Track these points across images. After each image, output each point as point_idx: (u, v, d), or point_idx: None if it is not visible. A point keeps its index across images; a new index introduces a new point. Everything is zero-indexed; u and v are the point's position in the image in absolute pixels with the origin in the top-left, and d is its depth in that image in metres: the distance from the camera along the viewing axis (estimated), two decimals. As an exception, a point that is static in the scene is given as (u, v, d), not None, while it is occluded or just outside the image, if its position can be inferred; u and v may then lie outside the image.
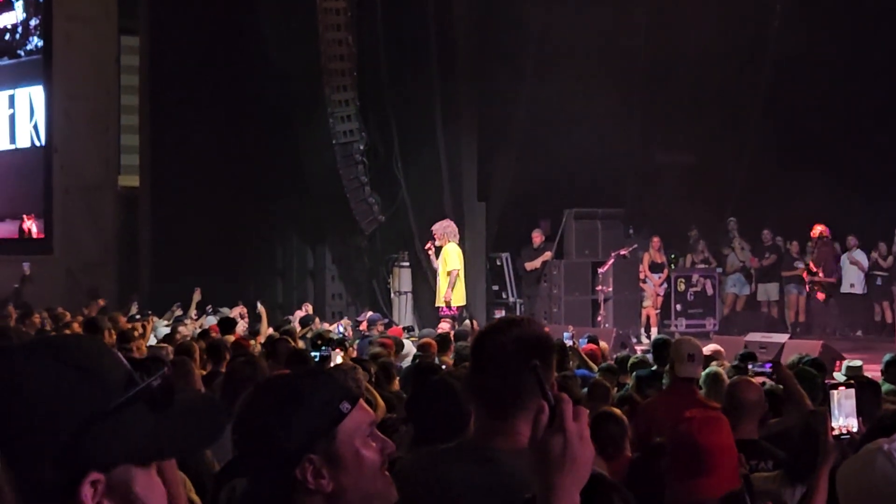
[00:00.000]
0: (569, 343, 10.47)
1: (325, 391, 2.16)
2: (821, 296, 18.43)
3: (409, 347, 11.30)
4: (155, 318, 15.23)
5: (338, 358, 8.20)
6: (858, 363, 9.56)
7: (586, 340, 11.61)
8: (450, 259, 15.43)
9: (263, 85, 18.91)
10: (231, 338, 10.39)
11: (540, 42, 17.89)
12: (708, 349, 10.55)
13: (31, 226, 23.51)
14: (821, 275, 18.31)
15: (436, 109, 17.82)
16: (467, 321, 15.08)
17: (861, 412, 3.91)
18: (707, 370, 6.98)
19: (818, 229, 18.25)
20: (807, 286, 18.52)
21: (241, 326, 14.18)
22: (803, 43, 17.87)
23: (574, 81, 17.55)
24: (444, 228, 15.69)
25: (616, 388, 8.43)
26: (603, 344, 11.79)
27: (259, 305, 15.44)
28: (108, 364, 1.42)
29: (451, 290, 15.35)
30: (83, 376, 1.38)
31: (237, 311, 16.06)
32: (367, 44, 18.11)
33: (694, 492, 3.43)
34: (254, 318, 15.43)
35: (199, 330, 13.47)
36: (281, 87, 18.62)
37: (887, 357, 8.57)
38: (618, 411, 5.70)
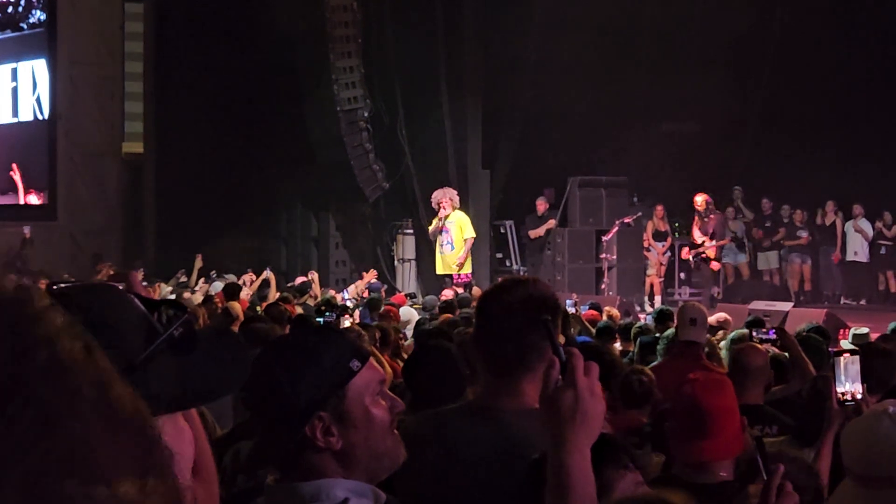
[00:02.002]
0: (571, 310, 10.47)
1: (335, 349, 2.15)
2: (715, 265, 17.82)
3: (412, 314, 11.31)
4: (162, 285, 15.25)
5: (346, 323, 8.22)
6: (865, 330, 9.56)
7: (588, 307, 11.67)
8: (466, 227, 15.68)
9: (268, 51, 18.84)
10: (236, 304, 10.39)
11: (546, 9, 17.80)
12: (716, 318, 10.58)
13: (33, 199, 23.46)
14: (712, 244, 17.58)
15: (441, 76, 17.76)
16: (474, 288, 15.12)
17: (870, 378, 3.92)
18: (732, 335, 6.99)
19: (701, 199, 17.33)
20: (692, 262, 17.79)
21: (247, 293, 14.18)
22: (810, 10, 17.79)
23: (580, 48, 17.48)
24: (453, 195, 15.74)
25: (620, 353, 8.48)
26: (615, 311, 11.81)
27: (268, 271, 15.46)
28: (128, 316, 1.38)
29: (466, 256, 15.61)
30: (105, 333, 1.35)
31: (245, 278, 16.06)
32: (373, 10, 18.05)
33: (697, 453, 3.44)
34: (263, 284, 15.46)
35: (202, 297, 13.47)
36: (286, 54, 18.56)
37: (893, 325, 8.57)
38: (646, 369, 5.74)
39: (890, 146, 17.83)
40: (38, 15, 23.45)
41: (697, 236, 17.30)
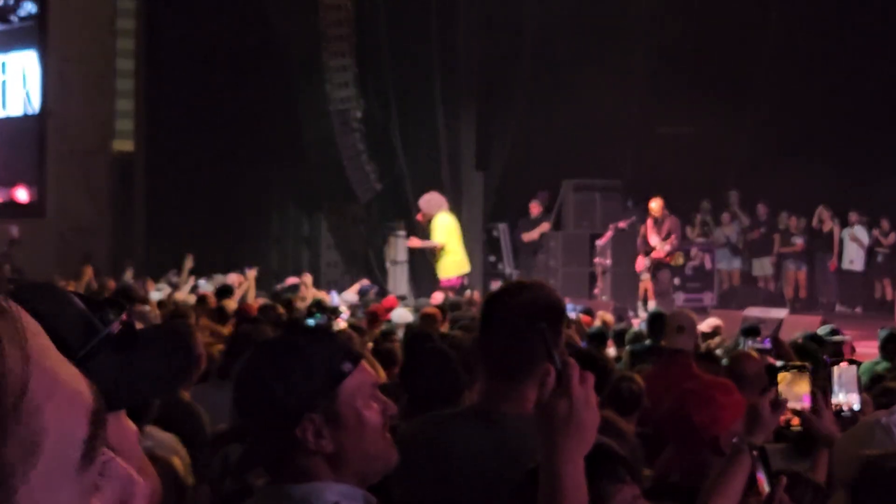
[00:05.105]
0: (572, 315, 10.41)
1: (325, 350, 2.13)
2: (659, 254, 16.96)
3: (405, 316, 11.23)
4: (151, 283, 15.20)
5: (339, 325, 8.20)
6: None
7: (581, 311, 11.64)
8: (435, 232, 15.39)
9: (261, 50, 18.80)
10: (231, 303, 10.38)
11: (541, 11, 17.79)
12: (708, 324, 10.53)
13: (22, 193, 23.35)
14: (664, 243, 16.87)
15: (435, 78, 17.74)
16: (467, 291, 15.03)
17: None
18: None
19: (656, 204, 16.80)
20: (648, 270, 16.97)
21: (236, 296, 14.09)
22: (807, 15, 17.80)
23: (575, 51, 17.47)
24: (428, 202, 15.55)
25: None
26: (608, 316, 11.78)
27: (247, 271, 15.37)
28: (66, 314, 1.33)
29: (438, 262, 15.40)
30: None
31: (232, 278, 15.97)
32: (367, 10, 18.00)
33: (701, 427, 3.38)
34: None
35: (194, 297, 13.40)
36: (278, 53, 18.53)
37: (884, 332, 8.48)
38: (636, 376, 5.68)
39: (888, 153, 17.82)
40: (29, 7, 23.36)
41: (654, 241, 17.07)
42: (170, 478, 3.82)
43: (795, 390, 3.45)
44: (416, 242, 15.76)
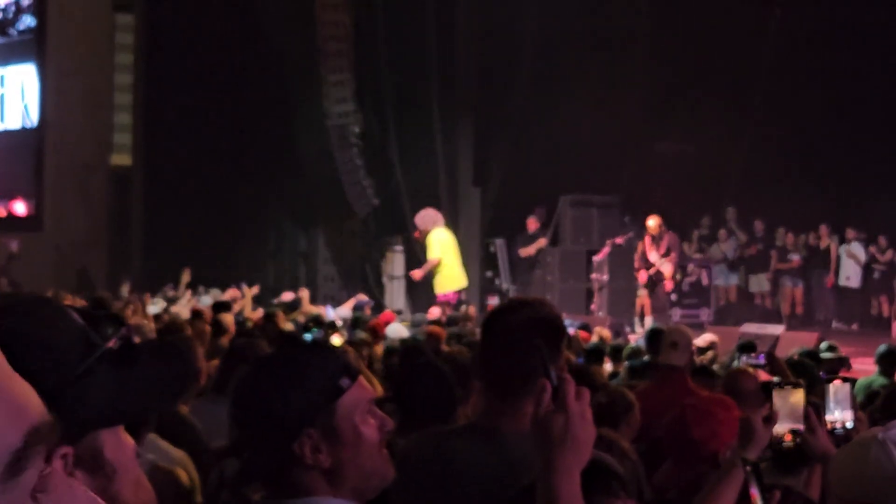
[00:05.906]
0: (571, 332, 10.40)
1: (324, 366, 2.12)
2: (668, 285, 17.30)
3: (400, 331, 11.23)
4: (150, 298, 15.20)
5: (335, 340, 8.19)
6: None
7: (577, 326, 11.65)
8: (430, 248, 15.43)
9: (258, 65, 18.84)
10: (229, 317, 10.36)
11: (539, 26, 17.83)
12: (703, 339, 10.53)
13: (20, 207, 23.33)
14: (669, 264, 17.09)
15: (432, 93, 17.77)
16: (463, 306, 15.02)
17: None
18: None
19: (653, 222, 16.91)
20: (644, 286, 17.15)
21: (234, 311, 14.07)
22: (804, 33, 17.85)
23: (573, 67, 17.50)
24: (423, 218, 15.57)
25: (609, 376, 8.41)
26: (605, 332, 11.78)
27: (244, 287, 15.36)
28: (65, 330, 1.32)
29: (434, 277, 15.39)
30: (39, 349, 1.27)
31: (230, 293, 15.98)
32: (364, 25, 18.04)
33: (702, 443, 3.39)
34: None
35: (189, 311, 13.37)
36: (276, 68, 18.56)
37: (881, 349, 8.50)
38: (625, 390, 5.68)
39: (885, 170, 17.84)
40: (28, 21, 23.38)
41: (654, 258, 17.07)
42: (172, 488, 3.83)
43: (789, 407, 3.45)
44: (418, 274, 15.79)
